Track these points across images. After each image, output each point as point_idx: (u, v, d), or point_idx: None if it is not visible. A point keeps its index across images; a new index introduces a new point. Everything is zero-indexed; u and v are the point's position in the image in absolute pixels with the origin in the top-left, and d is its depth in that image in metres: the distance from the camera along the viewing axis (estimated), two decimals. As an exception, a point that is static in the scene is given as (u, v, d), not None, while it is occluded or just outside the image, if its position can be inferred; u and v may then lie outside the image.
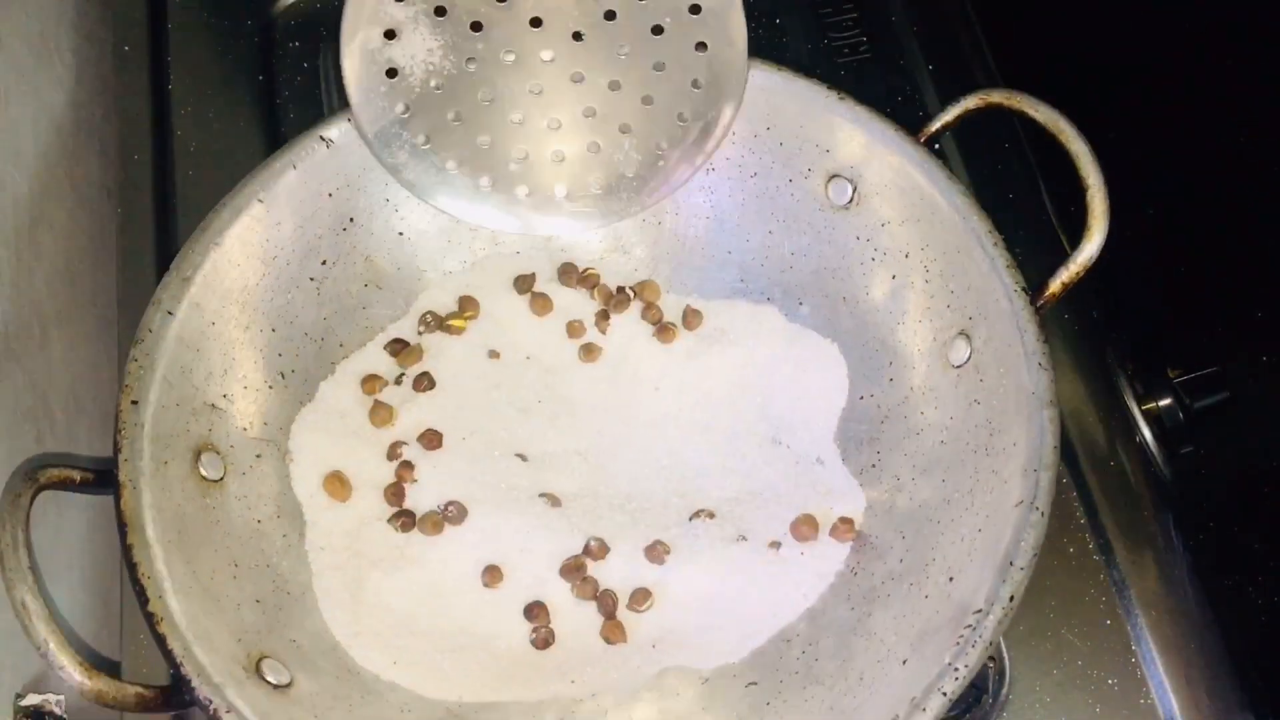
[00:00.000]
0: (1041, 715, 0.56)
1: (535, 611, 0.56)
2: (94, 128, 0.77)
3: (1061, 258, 0.54)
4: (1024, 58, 0.74)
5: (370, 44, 0.58)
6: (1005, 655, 0.57)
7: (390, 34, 0.58)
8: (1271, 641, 0.56)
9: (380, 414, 0.60)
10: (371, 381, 0.61)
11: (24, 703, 0.52)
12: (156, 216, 0.71)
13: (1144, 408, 0.63)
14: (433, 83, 0.59)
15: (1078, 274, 0.53)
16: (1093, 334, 0.66)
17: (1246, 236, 0.57)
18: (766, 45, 0.76)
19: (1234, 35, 0.56)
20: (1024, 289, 0.53)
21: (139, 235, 0.70)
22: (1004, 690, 0.56)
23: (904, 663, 0.49)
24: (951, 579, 0.51)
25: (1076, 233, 0.53)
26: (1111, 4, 0.65)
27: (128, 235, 0.70)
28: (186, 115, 0.74)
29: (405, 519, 0.58)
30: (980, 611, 0.47)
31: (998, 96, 0.56)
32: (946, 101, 0.57)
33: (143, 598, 0.48)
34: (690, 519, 0.58)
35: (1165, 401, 0.62)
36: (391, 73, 0.58)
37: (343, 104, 0.59)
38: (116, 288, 0.69)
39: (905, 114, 0.57)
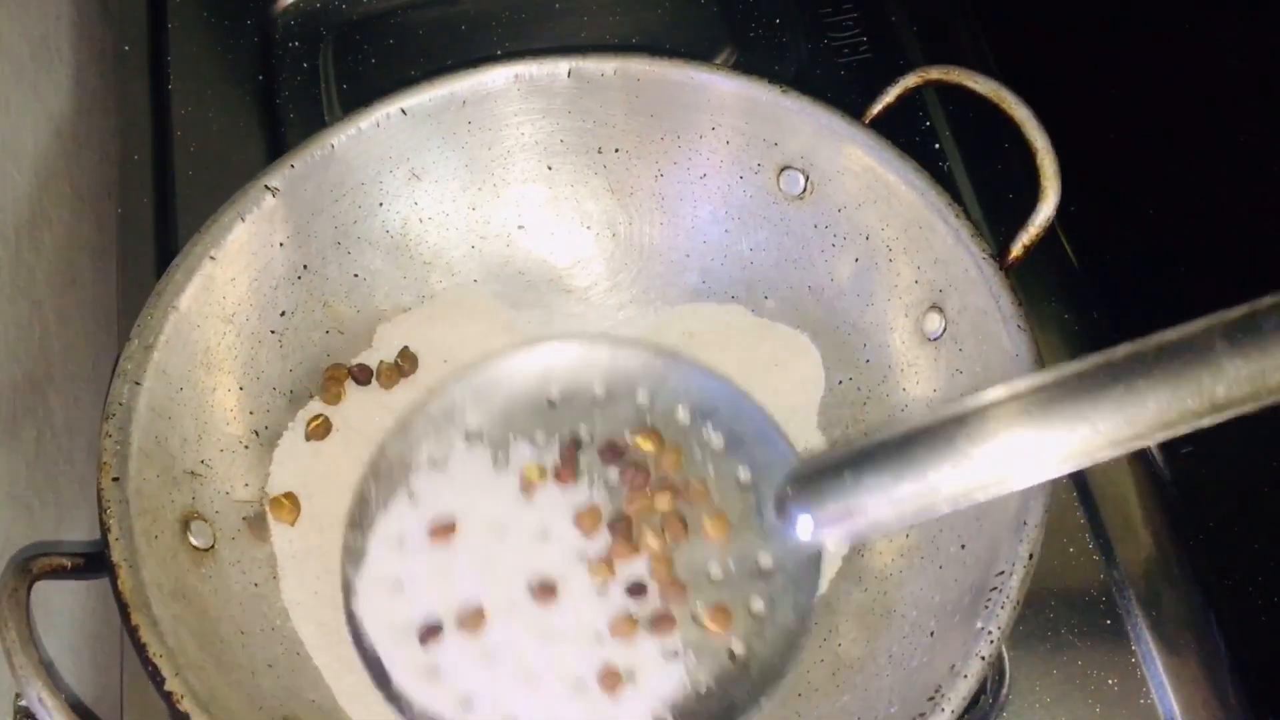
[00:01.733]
0: (1041, 715, 0.56)
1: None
2: (94, 128, 0.76)
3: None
4: (1024, 56, 0.74)
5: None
6: (1005, 655, 0.57)
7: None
8: (1271, 641, 0.57)
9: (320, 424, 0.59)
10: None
11: (23, 702, 0.50)
12: (156, 216, 0.70)
13: (1144, 408, 0.63)
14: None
15: (1037, 235, 0.54)
16: (1093, 335, 0.66)
17: (1248, 237, 0.58)
18: (766, 45, 0.77)
19: (1239, 35, 0.58)
20: (992, 256, 0.54)
21: (139, 235, 0.69)
22: (1003, 690, 0.56)
23: (931, 635, 0.50)
24: (964, 546, 0.51)
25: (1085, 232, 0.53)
26: (1113, 6, 0.66)
27: (128, 235, 0.70)
28: (186, 115, 0.74)
29: None
30: (1003, 573, 0.47)
31: (936, 73, 0.57)
32: (945, 100, 0.57)
33: (157, 678, 0.46)
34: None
35: (1165, 401, 0.63)
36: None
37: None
38: (116, 288, 0.68)
39: (905, 113, 0.58)
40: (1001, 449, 0.44)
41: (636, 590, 0.55)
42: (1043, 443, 0.44)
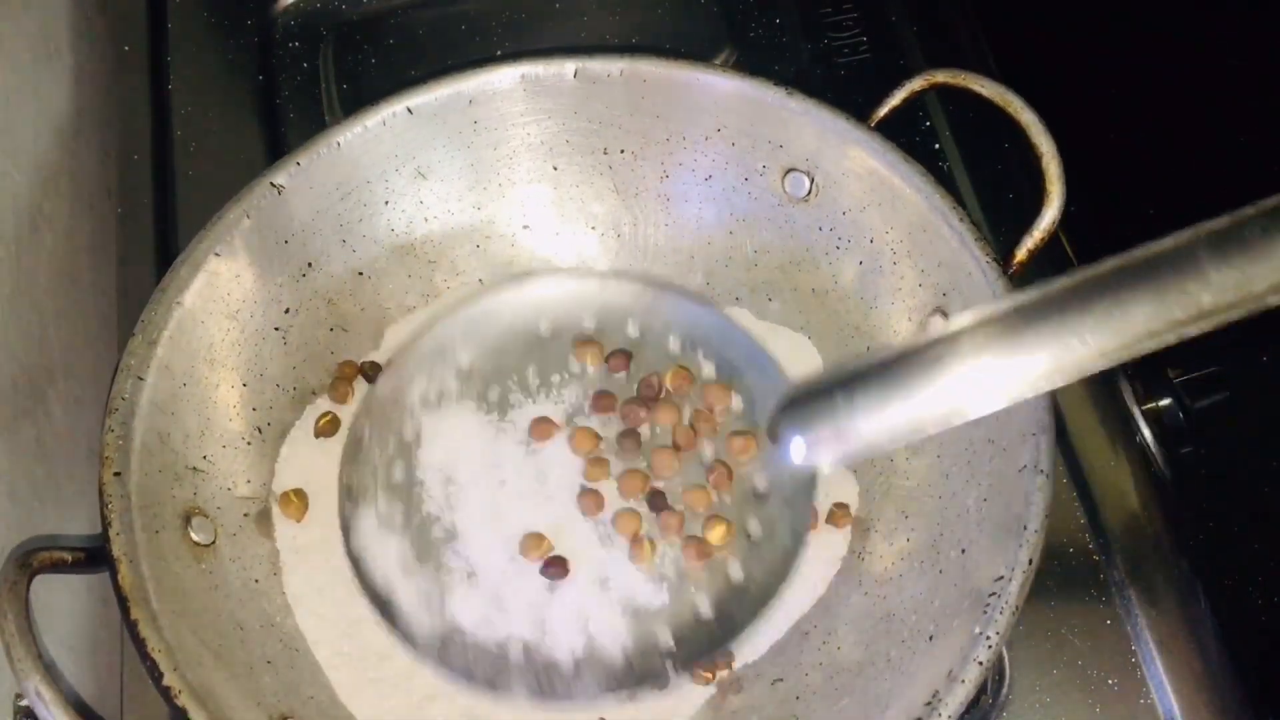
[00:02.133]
0: (1041, 715, 0.56)
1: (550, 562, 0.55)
2: (94, 128, 0.76)
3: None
4: (1024, 56, 0.74)
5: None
6: (1005, 655, 0.57)
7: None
8: (1271, 641, 0.57)
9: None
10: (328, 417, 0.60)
11: (23, 703, 0.50)
12: (156, 216, 0.70)
13: (1144, 408, 0.63)
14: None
15: (1041, 240, 0.55)
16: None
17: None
18: (766, 45, 0.77)
19: (1239, 35, 0.58)
20: (996, 260, 0.53)
21: (139, 235, 0.70)
22: (1004, 690, 0.56)
23: (930, 639, 0.50)
24: (964, 551, 0.51)
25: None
26: (1113, 6, 0.66)
27: (128, 235, 0.70)
28: (186, 115, 0.74)
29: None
30: (1002, 578, 0.47)
31: (942, 76, 0.57)
32: (945, 100, 0.57)
33: (155, 672, 0.46)
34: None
35: (1165, 401, 0.63)
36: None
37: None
38: (116, 288, 0.68)
39: (905, 113, 0.58)
40: (989, 364, 0.44)
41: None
42: (1031, 357, 0.43)
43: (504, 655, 0.53)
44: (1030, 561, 0.47)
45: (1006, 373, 0.44)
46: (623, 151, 0.63)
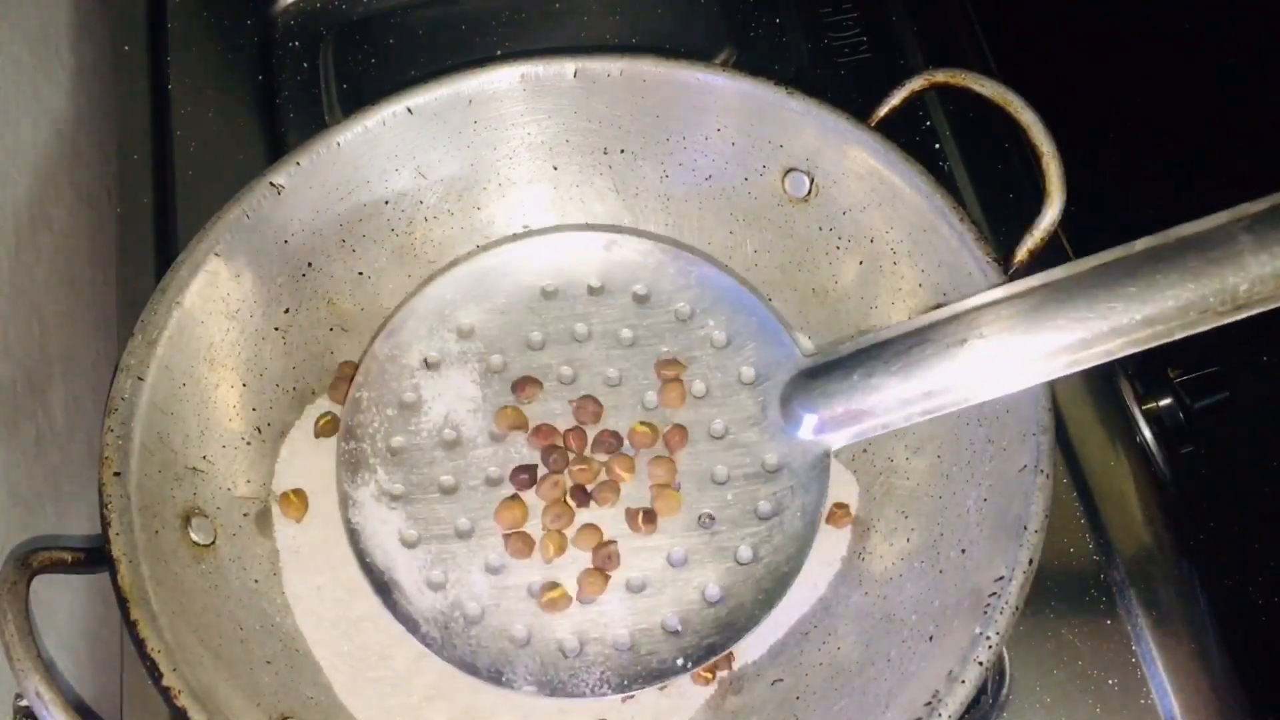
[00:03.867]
0: (1041, 715, 0.56)
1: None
2: (94, 128, 0.76)
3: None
4: (1024, 56, 0.74)
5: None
6: (1005, 655, 0.57)
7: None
8: (1271, 641, 0.57)
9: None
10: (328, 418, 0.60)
11: (23, 703, 0.50)
12: (156, 216, 0.70)
13: (1144, 408, 0.63)
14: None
15: (1042, 240, 0.54)
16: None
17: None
18: (765, 45, 0.77)
19: (1239, 35, 0.57)
20: (996, 260, 0.53)
21: (139, 235, 0.70)
22: (1004, 690, 0.56)
23: (930, 639, 0.50)
24: (964, 551, 0.51)
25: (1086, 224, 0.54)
26: (1112, 6, 0.66)
27: (128, 235, 0.70)
28: (186, 115, 0.74)
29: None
30: (1002, 578, 0.47)
31: (942, 75, 0.57)
32: (945, 100, 0.57)
33: (155, 672, 0.46)
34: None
35: (1165, 401, 0.63)
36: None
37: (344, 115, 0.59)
38: (116, 288, 0.68)
39: (905, 112, 0.58)
40: (1012, 344, 0.42)
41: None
42: (1055, 338, 0.41)
43: (509, 638, 0.53)
44: (1030, 561, 0.48)
45: (1028, 355, 0.41)
46: (623, 151, 0.63)
